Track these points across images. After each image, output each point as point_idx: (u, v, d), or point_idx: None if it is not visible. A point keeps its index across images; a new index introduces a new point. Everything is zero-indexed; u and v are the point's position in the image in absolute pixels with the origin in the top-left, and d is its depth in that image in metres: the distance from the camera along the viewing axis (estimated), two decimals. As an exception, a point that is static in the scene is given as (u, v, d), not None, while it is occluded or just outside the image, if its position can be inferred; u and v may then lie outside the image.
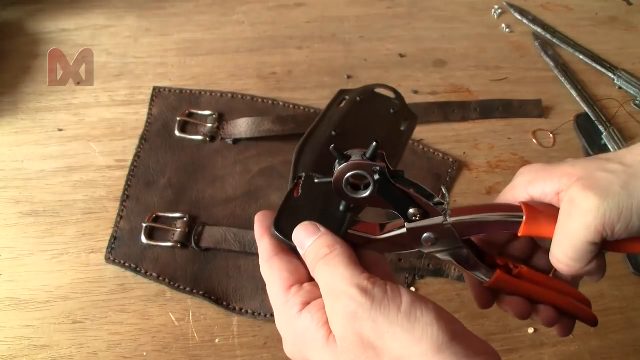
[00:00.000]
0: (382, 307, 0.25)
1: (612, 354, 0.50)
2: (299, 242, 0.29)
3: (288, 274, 0.29)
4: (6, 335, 0.46)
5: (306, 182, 0.32)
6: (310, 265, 0.28)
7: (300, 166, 0.36)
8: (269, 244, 0.31)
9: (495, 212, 0.31)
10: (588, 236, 0.28)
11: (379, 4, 0.78)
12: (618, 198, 0.27)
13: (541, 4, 0.82)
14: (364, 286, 0.26)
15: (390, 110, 0.43)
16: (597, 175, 0.29)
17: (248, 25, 0.73)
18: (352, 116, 0.40)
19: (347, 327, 0.25)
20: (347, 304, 0.25)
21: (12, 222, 0.52)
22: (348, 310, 0.25)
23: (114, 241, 0.52)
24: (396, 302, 0.25)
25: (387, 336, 0.24)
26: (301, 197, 0.32)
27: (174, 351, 0.47)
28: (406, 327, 0.24)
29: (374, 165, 0.28)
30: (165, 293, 0.50)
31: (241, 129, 0.60)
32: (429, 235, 0.30)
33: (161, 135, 0.59)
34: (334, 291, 0.26)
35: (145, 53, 0.68)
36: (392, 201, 0.29)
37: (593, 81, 0.72)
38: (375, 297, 0.25)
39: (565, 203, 0.29)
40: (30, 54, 0.66)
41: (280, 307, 0.28)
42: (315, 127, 0.39)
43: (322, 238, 0.29)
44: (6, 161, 0.56)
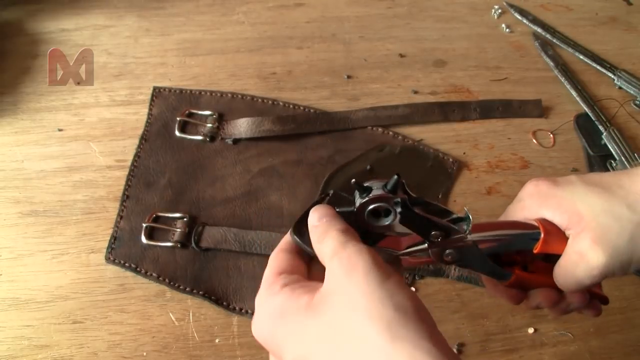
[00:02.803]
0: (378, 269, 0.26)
1: (612, 354, 0.50)
2: (312, 216, 0.30)
3: (285, 264, 0.30)
4: (6, 335, 0.46)
5: (332, 199, 0.32)
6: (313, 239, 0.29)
7: (331, 185, 0.36)
8: (286, 241, 0.32)
9: (513, 229, 0.33)
10: (592, 281, 0.31)
11: (379, 4, 0.78)
12: (624, 252, 0.30)
13: (541, 4, 0.82)
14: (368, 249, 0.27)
15: (428, 164, 0.43)
16: (605, 224, 0.31)
17: (248, 25, 0.73)
18: (389, 158, 0.41)
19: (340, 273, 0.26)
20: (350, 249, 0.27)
21: (12, 222, 0.52)
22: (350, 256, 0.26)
23: (114, 241, 0.52)
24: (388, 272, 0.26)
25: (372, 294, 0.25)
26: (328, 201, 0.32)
27: (174, 351, 0.47)
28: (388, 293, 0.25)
29: (395, 197, 0.29)
30: (165, 293, 0.50)
31: (241, 129, 0.60)
32: (450, 252, 0.31)
33: (161, 135, 0.59)
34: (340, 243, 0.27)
35: (145, 53, 0.68)
36: (414, 227, 0.30)
37: (593, 81, 0.72)
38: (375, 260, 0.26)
39: (574, 253, 0.32)
40: (30, 54, 0.66)
41: (264, 288, 0.29)
42: (353, 160, 0.41)
43: (337, 220, 0.30)
44: (6, 161, 0.56)
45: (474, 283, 0.52)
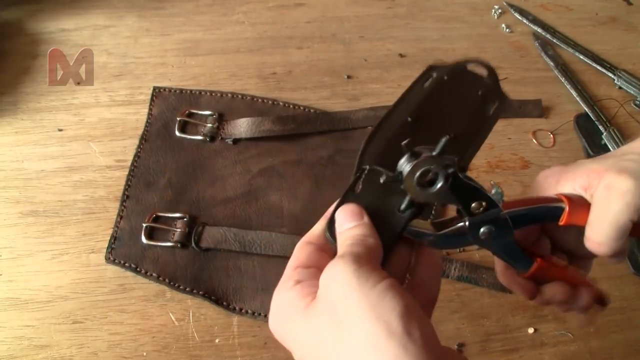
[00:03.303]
0: (361, 276, 0.25)
1: (612, 354, 0.50)
2: (339, 221, 0.30)
3: (305, 257, 0.29)
4: (6, 335, 0.46)
5: (369, 176, 0.31)
6: (340, 246, 0.29)
7: (367, 155, 0.33)
8: (314, 233, 0.31)
9: (539, 204, 0.33)
10: (629, 214, 0.31)
11: (379, 4, 0.78)
12: None
13: (541, 4, 0.82)
14: (360, 257, 0.26)
15: (478, 92, 0.38)
16: (623, 164, 0.32)
17: (248, 25, 0.73)
18: (433, 99, 0.36)
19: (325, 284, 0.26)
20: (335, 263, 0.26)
21: (12, 222, 0.52)
22: (333, 270, 0.26)
23: (114, 241, 0.52)
24: (376, 278, 0.25)
25: (350, 305, 0.24)
26: (361, 192, 0.31)
27: (174, 351, 0.47)
28: (372, 303, 0.24)
29: (445, 159, 0.28)
30: (165, 293, 0.50)
31: (241, 129, 0.60)
32: (488, 228, 0.31)
33: (161, 135, 0.59)
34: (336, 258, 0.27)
35: (145, 53, 0.68)
36: (459, 195, 0.29)
37: (593, 81, 0.72)
38: (363, 266, 0.25)
39: (603, 190, 0.32)
40: (30, 54, 0.66)
41: (282, 280, 0.29)
42: (392, 111, 0.35)
43: (361, 227, 0.29)
44: (6, 161, 0.56)
45: (474, 283, 0.52)
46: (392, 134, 0.34)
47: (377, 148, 0.33)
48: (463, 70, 0.39)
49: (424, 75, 0.38)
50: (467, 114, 0.37)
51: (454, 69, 0.38)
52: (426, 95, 0.36)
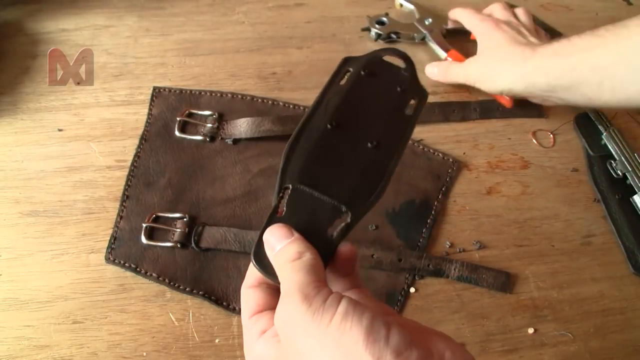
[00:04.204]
0: (315, 315, 0.24)
1: (612, 354, 0.50)
2: (270, 244, 0.29)
3: (254, 304, 0.29)
4: (6, 335, 0.46)
5: (293, 196, 0.30)
6: (277, 268, 0.28)
7: (288, 173, 0.31)
8: (250, 274, 0.31)
9: None
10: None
11: (379, 4, 0.78)
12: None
13: (541, 4, 0.82)
14: (307, 292, 0.25)
15: (397, 88, 0.37)
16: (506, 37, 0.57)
17: (248, 25, 0.73)
18: (353, 99, 0.34)
19: (283, 331, 0.25)
20: (286, 308, 0.25)
21: (12, 222, 0.52)
22: (286, 314, 0.25)
23: (114, 241, 0.52)
24: (330, 312, 0.24)
25: (316, 347, 0.23)
26: (286, 214, 0.30)
27: (173, 351, 0.47)
28: (335, 340, 0.23)
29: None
30: (165, 293, 0.50)
31: (241, 129, 0.60)
32: None
33: (161, 135, 0.59)
34: (283, 295, 0.26)
35: (145, 53, 0.68)
36: None
37: (593, 81, 0.72)
38: (313, 304, 0.24)
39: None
40: (29, 54, 0.66)
41: (245, 335, 0.29)
42: (310, 117, 0.33)
43: (294, 243, 0.28)
44: (6, 161, 0.56)
45: (474, 283, 0.52)
46: (313, 145, 0.32)
47: (298, 164, 0.31)
48: (380, 61, 0.37)
49: (340, 70, 0.36)
50: (388, 114, 0.35)
51: (370, 61, 0.37)
52: (345, 96, 0.34)
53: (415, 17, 0.75)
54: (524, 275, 0.54)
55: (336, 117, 0.33)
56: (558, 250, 0.56)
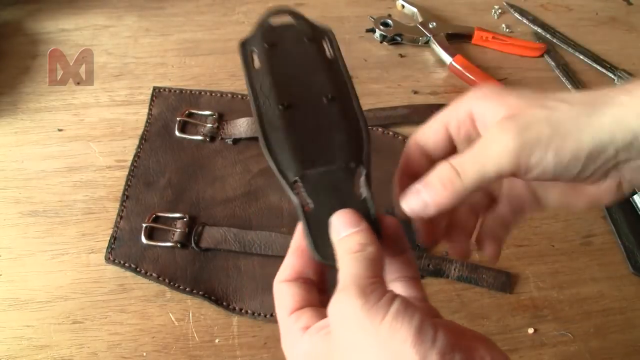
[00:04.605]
0: (370, 311, 0.24)
1: (612, 354, 0.50)
2: (335, 228, 0.28)
3: (293, 300, 0.29)
4: (6, 335, 0.46)
5: (306, 185, 0.30)
6: (338, 254, 0.28)
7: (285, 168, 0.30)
8: (289, 265, 0.30)
9: None
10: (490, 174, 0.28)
11: (379, 4, 0.78)
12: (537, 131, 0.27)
13: (541, 4, 0.82)
14: (364, 287, 0.25)
15: (304, 40, 0.36)
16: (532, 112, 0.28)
17: (248, 25, 0.73)
18: (279, 75, 0.33)
19: (337, 323, 0.25)
20: (342, 300, 0.25)
21: (12, 222, 0.52)
22: (341, 307, 0.25)
23: (114, 241, 0.52)
24: (383, 310, 0.24)
25: (366, 342, 0.24)
26: (315, 205, 0.29)
27: (173, 351, 0.47)
28: (385, 338, 0.23)
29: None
30: (165, 293, 0.50)
31: (241, 129, 0.60)
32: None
33: (161, 135, 0.59)
34: (341, 288, 0.26)
35: (145, 53, 0.68)
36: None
37: (593, 81, 0.72)
38: (368, 300, 0.24)
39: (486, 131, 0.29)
40: (29, 54, 0.66)
41: (285, 332, 0.29)
42: (260, 113, 0.32)
43: (358, 234, 0.28)
44: (6, 161, 0.56)
45: (474, 283, 0.52)
46: (283, 133, 0.31)
47: (286, 156, 0.30)
48: (272, 28, 0.37)
49: (245, 57, 0.35)
50: (316, 66, 0.35)
51: (264, 32, 0.36)
52: (271, 77, 0.33)
53: (418, 19, 0.75)
54: (524, 275, 0.53)
55: (280, 99, 0.32)
56: (558, 250, 0.56)
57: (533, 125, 0.27)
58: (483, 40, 0.74)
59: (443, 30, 0.73)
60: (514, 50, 0.74)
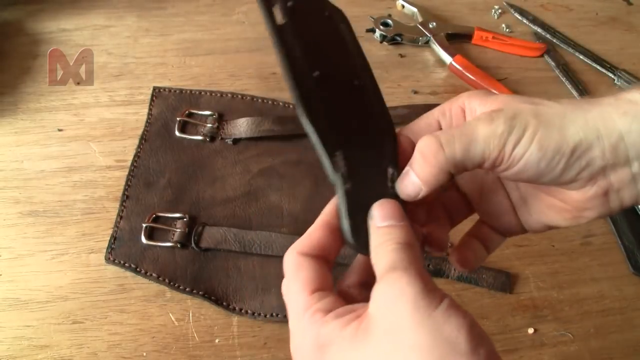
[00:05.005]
0: (429, 294, 0.23)
1: (612, 354, 0.50)
2: (379, 216, 0.27)
3: (315, 277, 0.27)
4: (6, 335, 0.46)
5: (346, 161, 0.28)
6: (379, 241, 0.27)
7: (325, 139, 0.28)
8: (316, 238, 0.28)
9: None
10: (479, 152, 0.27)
11: (379, 4, 0.78)
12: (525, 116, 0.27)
13: (541, 4, 0.82)
14: (422, 272, 0.24)
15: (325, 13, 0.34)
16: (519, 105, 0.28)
17: (248, 25, 0.73)
18: (307, 39, 0.31)
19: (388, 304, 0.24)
20: (399, 280, 0.24)
21: (12, 222, 0.52)
22: (395, 287, 0.24)
23: (114, 241, 0.52)
24: (440, 297, 0.24)
25: (416, 325, 0.23)
26: (353, 189, 0.28)
27: (173, 351, 0.47)
28: (439, 322, 0.23)
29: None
30: (165, 293, 0.50)
31: (241, 129, 0.60)
32: None
33: (161, 135, 0.59)
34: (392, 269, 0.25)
35: (145, 53, 0.68)
36: None
37: (593, 81, 0.72)
38: (427, 284, 0.24)
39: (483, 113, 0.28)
40: (30, 54, 0.66)
41: (301, 310, 0.26)
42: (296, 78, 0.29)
43: (404, 228, 0.27)
44: (6, 161, 0.56)
45: (474, 283, 0.52)
46: (324, 103, 0.29)
47: (326, 126, 0.28)
48: None
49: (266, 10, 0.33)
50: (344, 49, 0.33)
51: None
52: (299, 36, 0.30)
53: (418, 19, 0.75)
54: (524, 275, 0.53)
55: (315, 64, 0.30)
56: (558, 250, 0.56)
57: (520, 115, 0.27)
58: (483, 40, 0.74)
59: (443, 30, 0.73)
60: (514, 50, 0.74)
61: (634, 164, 0.27)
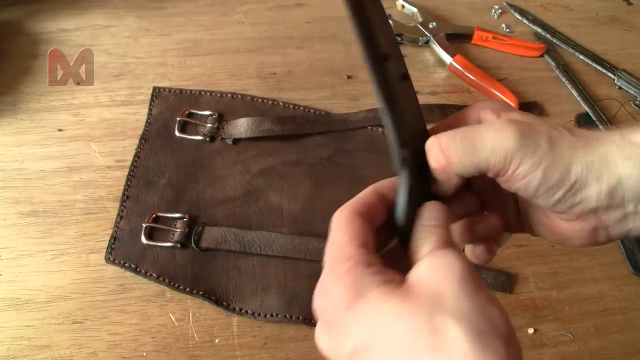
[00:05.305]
0: (474, 274, 0.24)
1: (612, 354, 0.50)
2: (427, 215, 0.28)
3: (363, 234, 0.27)
4: (6, 336, 0.46)
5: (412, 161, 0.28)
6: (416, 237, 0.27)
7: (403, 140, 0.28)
8: (370, 203, 0.28)
9: None
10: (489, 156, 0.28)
11: (379, 4, 0.78)
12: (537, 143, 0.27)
13: (541, 4, 0.82)
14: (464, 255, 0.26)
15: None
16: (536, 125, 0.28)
17: (248, 25, 0.73)
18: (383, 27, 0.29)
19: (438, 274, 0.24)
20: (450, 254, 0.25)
21: (12, 222, 0.52)
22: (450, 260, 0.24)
23: (114, 241, 0.52)
24: (481, 282, 0.24)
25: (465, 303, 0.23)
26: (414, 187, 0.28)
27: (173, 351, 0.47)
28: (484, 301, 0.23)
29: None
30: (165, 293, 0.50)
31: (241, 129, 0.60)
32: None
33: (161, 136, 0.59)
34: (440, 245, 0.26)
35: (145, 53, 0.68)
36: None
37: (593, 81, 0.72)
38: (471, 266, 0.25)
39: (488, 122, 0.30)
40: (30, 54, 0.66)
41: (342, 258, 0.26)
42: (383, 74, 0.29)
43: (445, 230, 0.28)
44: (6, 161, 0.56)
45: (474, 283, 0.52)
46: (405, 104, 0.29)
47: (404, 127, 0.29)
48: None
49: None
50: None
51: None
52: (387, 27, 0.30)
53: (418, 19, 0.75)
54: (524, 275, 0.53)
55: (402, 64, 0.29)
56: (558, 250, 0.56)
57: (534, 134, 0.27)
58: (483, 40, 0.74)
59: (443, 30, 0.73)
60: (514, 50, 0.74)
61: (628, 206, 0.27)
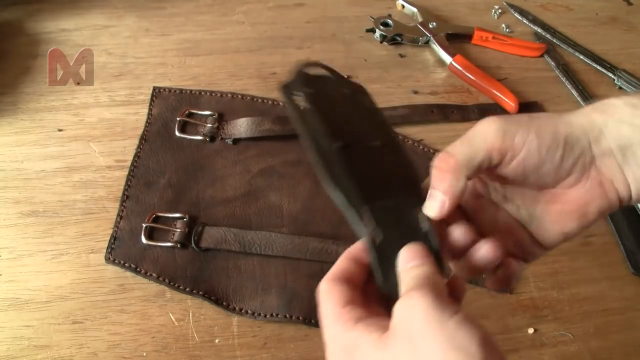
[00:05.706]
0: (442, 305, 0.25)
1: (612, 354, 0.50)
2: (404, 259, 0.30)
3: (345, 295, 0.29)
4: (6, 336, 0.46)
5: (374, 215, 0.30)
6: (406, 282, 0.29)
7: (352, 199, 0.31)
8: (344, 269, 0.31)
9: None
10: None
11: (379, 4, 0.78)
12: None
13: (541, 4, 0.82)
14: (439, 287, 0.27)
15: (344, 91, 0.38)
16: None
17: (248, 25, 0.73)
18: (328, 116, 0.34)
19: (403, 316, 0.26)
20: (414, 296, 0.26)
21: (12, 222, 0.52)
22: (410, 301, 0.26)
23: (114, 241, 0.52)
24: (454, 309, 0.25)
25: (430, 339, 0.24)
26: (383, 239, 0.30)
27: (173, 351, 0.47)
28: (452, 332, 0.24)
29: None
30: (165, 293, 0.50)
31: (241, 129, 0.60)
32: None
33: (161, 136, 0.59)
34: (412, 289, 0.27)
35: (145, 53, 0.68)
36: None
37: (593, 81, 0.72)
38: (441, 297, 0.26)
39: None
40: (30, 54, 0.66)
41: (333, 321, 0.29)
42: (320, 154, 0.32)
43: (427, 266, 0.29)
44: (6, 161, 0.56)
45: (474, 283, 0.52)
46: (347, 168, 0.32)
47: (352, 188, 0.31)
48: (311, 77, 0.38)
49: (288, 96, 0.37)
50: (360, 115, 0.37)
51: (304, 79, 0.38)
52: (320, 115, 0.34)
53: (418, 19, 0.75)
54: (524, 275, 0.53)
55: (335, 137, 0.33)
56: (558, 250, 0.55)
57: (513, 117, 0.31)
58: (483, 40, 0.74)
59: (443, 30, 0.73)
60: (514, 50, 0.74)
61: (617, 155, 0.31)
